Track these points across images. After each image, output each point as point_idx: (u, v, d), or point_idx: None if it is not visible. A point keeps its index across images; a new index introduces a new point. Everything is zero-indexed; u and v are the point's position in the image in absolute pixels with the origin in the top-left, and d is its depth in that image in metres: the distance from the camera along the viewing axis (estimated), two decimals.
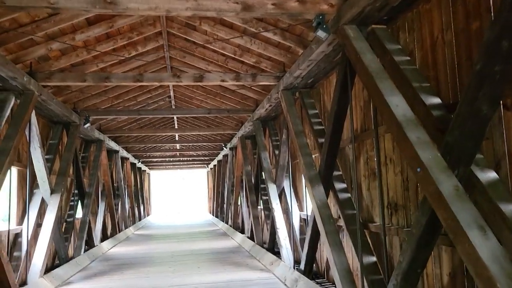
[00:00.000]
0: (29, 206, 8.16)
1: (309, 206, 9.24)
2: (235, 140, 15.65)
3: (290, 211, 8.62)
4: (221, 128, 15.10)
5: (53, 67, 7.72)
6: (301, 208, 8.98)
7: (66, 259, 9.55)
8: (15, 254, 7.53)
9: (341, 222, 6.05)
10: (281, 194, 9.60)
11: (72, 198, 11.51)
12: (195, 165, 31.66)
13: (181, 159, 27.28)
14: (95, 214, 13.80)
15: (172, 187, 56.69)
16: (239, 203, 16.04)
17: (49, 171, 8.99)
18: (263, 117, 10.71)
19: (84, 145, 13.03)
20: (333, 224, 5.76)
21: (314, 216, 6.50)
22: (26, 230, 7.43)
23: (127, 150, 19.38)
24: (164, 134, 16.89)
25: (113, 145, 15.48)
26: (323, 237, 5.77)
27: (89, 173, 12.68)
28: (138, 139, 17.57)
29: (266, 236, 11.42)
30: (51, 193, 8.43)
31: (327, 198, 6.15)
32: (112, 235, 15.49)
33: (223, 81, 8.00)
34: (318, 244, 7.12)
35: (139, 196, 24.70)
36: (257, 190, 12.64)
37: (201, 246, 12.73)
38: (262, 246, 10.66)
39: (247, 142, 14.28)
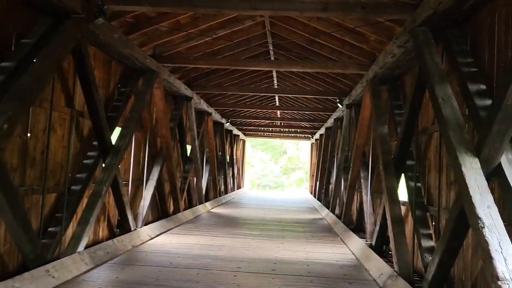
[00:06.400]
0: None
1: None
2: (359, 89, 10.04)
3: None
4: (339, 63, 9.47)
5: None
6: None
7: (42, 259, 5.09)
8: None
9: None
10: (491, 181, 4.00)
11: (90, 154, 7.11)
12: (297, 135, 26.60)
13: (282, 123, 22.34)
14: (138, 182, 9.42)
15: (271, 158, 52.67)
16: (356, 187, 10.57)
17: None
18: (439, 20, 5.04)
19: (127, 75, 8.52)
20: None
21: None
22: None
23: (209, 103, 14.76)
24: (256, 69, 11.67)
25: (178, 85, 10.76)
26: None
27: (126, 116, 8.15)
28: (214, 78, 12.56)
29: (418, 259, 5.97)
30: None
31: None
32: (174, 213, 11.13)
33: None
34: None
35: (226, 164, 20.29)
36: (399, 170, 7.03)
37: (295, 254, 7.54)
38: (412, 283, 5.17)
39: (382, 89, 8.68)
